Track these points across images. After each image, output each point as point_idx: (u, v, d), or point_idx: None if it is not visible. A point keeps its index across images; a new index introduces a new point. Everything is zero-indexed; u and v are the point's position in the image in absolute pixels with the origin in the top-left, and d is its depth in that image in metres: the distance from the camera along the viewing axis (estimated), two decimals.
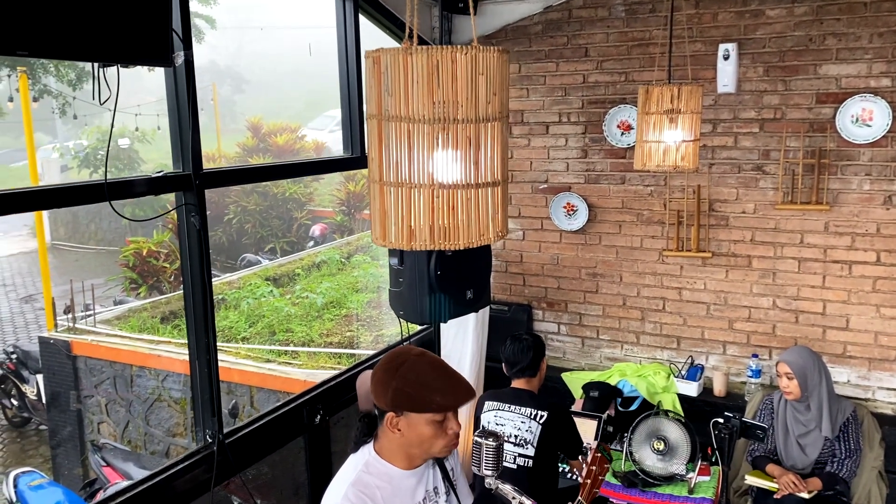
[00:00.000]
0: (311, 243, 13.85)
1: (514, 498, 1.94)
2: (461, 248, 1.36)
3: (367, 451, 2.01)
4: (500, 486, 1.94)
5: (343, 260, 10.51)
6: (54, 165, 19.49)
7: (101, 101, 2.65)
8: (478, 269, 3.86)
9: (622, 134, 4.35)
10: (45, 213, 19.96)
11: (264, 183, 15.44)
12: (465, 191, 1.35)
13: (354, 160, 3.96)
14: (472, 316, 4.38)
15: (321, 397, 3.83)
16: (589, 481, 2.32)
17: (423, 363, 1.89)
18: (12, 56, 2.12)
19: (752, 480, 3.58)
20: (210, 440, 3.17)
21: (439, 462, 2.09)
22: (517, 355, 3.50)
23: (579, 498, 2.29)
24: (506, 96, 1.38)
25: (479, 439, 1.96)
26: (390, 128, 1.33)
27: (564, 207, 4.57)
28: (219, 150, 17.83)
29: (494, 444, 1.92)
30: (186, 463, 3.09)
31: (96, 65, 2.50)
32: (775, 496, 3.48)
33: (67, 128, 21.59)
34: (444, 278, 3.61)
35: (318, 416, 3.79)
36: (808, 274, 4.06)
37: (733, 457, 3.32)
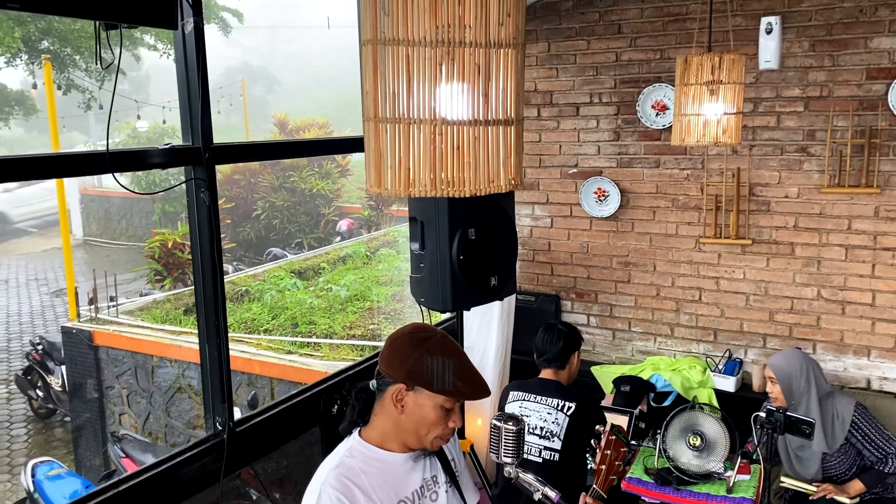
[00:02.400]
0: (339, 238, 13.77)
1: (536, 490, 1.75)
2: (467, 195, 1.17)
3: (352, 437, 1.85)
4: (520, 475, 1.75)
5: (369, 254, 10.40)
6: None
7: (104, 66, 2.52)
8: (502, 254, 3.67)
9: (657, 115, 4.13)
10: (76, 208, 20.24)
11: (292, 179, 15.43)
12: (473, 128, 1.17)
13: None
14: (496, 306, 4.20)
15: (339, 386, 3.67)
16: (604, 467, 2.08)
17: (450, 346, 1.76)
18: (3, 8, 1.98)
19: (787, 482, 3.35)
20: (220, 428, 3.03)
21: (439, 450, 1.91)
22: (546, 344, 3.33)
23: (594, 486, 2.05)
24: (521, 20, 1.19)
25: (497, 423, 1.77)
26: (387, 53, 1.15)
27: (595, 193, 4.36)
28: None
29: (514, 428, 1.72)
30: (195, 451, 2.95)
31: (99, 26, 2.38)
32: (811, 498, 3.26)
33: (101, 127, 21.84)
34: (467, 263, 3.44)
35: (336, 406, 3.64)
36: (856, 262, 3.80)
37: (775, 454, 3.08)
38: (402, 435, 1.79)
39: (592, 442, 2.20)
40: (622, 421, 3.75)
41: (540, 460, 3.15)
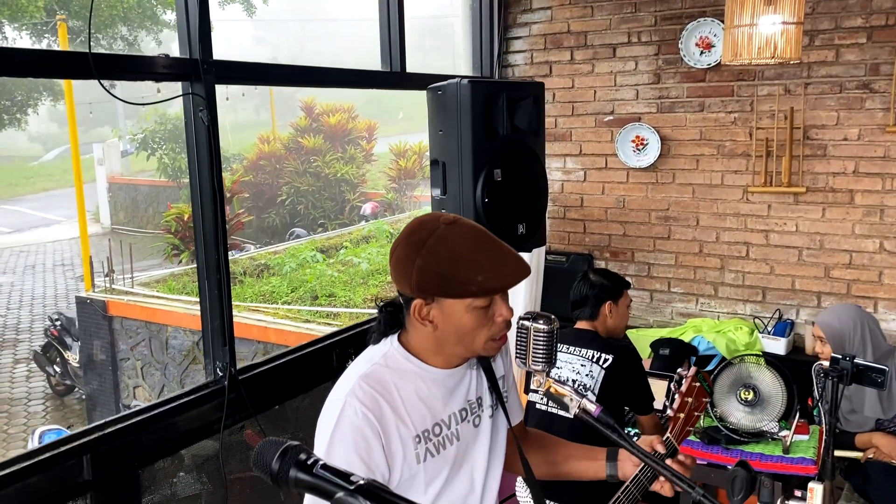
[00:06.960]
0: (363, 222, 13.58)
1: (571, 399, 1.45)
2: None
3: (389, 340, 1.53)
4: (553, 384, 1.45)
5: (392, 232, 10.17)
6: (114, 151, 19.75)
7: None
8: (531, 199, 3.38)
9: (702, 53, 3.79)
10: (104, 197, 20.29)
11: (316, 164, 15.24)
12: None
13: (392, 76, 3.51)
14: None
15: (353, 340, 3.39)
16: (682, 415, 1.77)
17: (456, 232, 1.42)
18: None
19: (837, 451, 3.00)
20: (220, 374, 2.76)
21: (486, 366, 1.61)
22: (575, 292, 3.03)
23: (668, 435, 1.75)
24: None
25: (525, 322, 1.46)
26: None
27: (633, 141, 4.03)
28: (273, 132, 17.80)
29: (546, 327, 1.42)
30: (192, 397, 2.68)
31: None
32: (861, 460, 2.91)
33: (132, 121, 21.95)
34: (493, 208, 3.16)
35: (350, 361, 3.35)
36: None
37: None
38: (447, 348, 1.49)
39: (672, 386, 1.90)
40: (661, 386, 3.43)
41: (571, 416, 2.84)
